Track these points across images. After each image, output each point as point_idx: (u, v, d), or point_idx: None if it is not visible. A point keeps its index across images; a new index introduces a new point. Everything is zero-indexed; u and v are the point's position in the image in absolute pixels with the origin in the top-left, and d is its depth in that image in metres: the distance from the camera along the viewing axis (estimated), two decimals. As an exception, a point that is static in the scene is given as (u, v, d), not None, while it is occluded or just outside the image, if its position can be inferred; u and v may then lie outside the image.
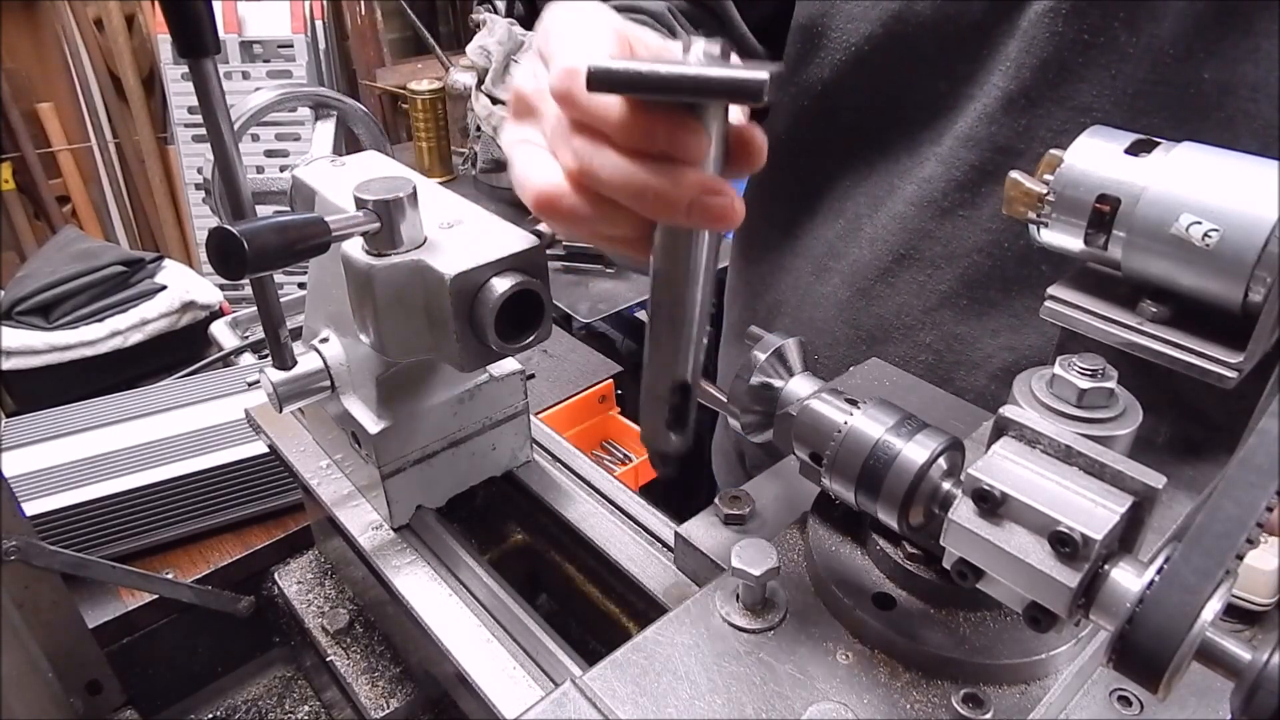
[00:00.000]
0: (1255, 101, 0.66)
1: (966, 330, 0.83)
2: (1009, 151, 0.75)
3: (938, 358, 0.85)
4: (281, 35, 3.31)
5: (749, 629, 0.51)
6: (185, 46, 0.57)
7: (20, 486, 0.96)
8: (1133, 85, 0.69)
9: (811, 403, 0.53)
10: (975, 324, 0.82)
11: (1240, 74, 0.66)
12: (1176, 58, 0.67)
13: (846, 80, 0.83)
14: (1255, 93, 0.66)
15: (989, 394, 0.82)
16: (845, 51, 0.81)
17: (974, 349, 0.83)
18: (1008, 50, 0.73)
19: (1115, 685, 0.49)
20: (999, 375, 0.81)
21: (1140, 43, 0.68)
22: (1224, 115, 0.67)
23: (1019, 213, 0.51)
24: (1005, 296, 0.80)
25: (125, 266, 1.87)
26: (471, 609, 0.69)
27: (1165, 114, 0.69)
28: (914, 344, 0.86)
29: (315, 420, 0.86)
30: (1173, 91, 0.68)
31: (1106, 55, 0.69)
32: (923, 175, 0.81)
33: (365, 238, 0.62)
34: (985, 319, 0.81)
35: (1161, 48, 0.67)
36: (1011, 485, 0.40)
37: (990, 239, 0.79)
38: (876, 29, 0.78)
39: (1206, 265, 0.44)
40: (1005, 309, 0.80)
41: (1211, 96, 0.67)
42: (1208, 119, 0.68)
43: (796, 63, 0.87)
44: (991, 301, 0.81)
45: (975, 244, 0.80)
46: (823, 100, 0.86)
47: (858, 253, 0.88)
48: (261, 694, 1.03)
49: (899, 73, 0.80)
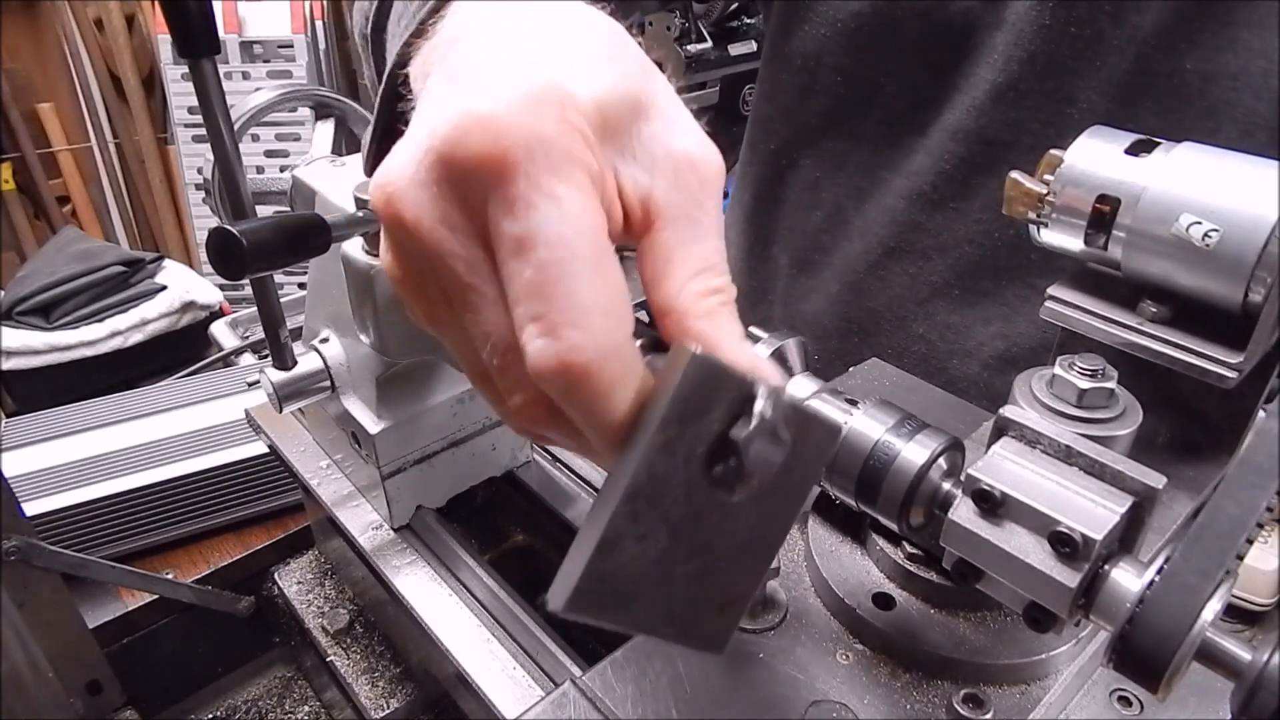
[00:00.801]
0: (1236, 90, 0.68)
1: (959, 320, 0.83)
2: (998, 144, 0.76)
3: (931, 348, 0.85)
4: (281, 35, 3.31)
5: (749, 629, 0.51)
6: (185, 46, 0.57)
7: (20, 486, 0.96)
8: (1118, 76, 0.70)
9: (811, 403, 0.53)
10: (968, 313, 0.83)
11: (1221, 64, 0.67)
12: (1159, 49, 0.68)
13: (827, 58, 0.83)
14: (1235, 82, 0.67)
15: (982, 382, 0.82)
16: (830, 26, 0.81)
17: (967, 338, 0.83)
18: (994, 43, 0.73)
19: (1115, 685, 0.49)
20: (992, 363, 0.82)
21: (1124, 35, 0.69)
22: (1206, 104, 0.69)
23: (1019, 213, 0.51)
24: (996, 286, 0.80)
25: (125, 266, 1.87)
26: (471, 609, 0.69)
27: (1150, 104, 0.70)
28: (907, 335, 0.86)
29: (315, 420, 0.86)
30: (1157, 82, 0.69)
31: (1092, 48, 0.70)
32: (910, 168, 0.81)
33: (365, 238, 0.62)
34: (977, 308, 0.82)
35: (1145, 39, 0.68)
36: (1011, 485, 0.40)
37: (981, 230, 0.79)
38: (864, 7, 0.78)
39: (1207, 265, 0.44)
40: (997, 298, 0.81)
41: (1194, 86, 0.69)
42: (1191, 108, 0.69)
43: (779, 34, 0.86)
44: (983, 291, 0.81)
45: (966, 235, 0.80)
46: (800, 75, 0.85)
47: (847, 245, 0.88)
48: (261, 694, 1.03)
49: (880, 56, 0.80)
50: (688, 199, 0.35)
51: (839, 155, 0.87)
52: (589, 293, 0.30)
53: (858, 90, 0.83)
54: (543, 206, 0.30)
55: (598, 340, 0.30)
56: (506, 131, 0.30)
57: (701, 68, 2.77)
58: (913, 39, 0.77)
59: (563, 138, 0.31)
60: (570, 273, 0.30)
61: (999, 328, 0.81)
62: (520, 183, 0.30)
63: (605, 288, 0.30)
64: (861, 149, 0.85)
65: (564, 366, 0.29)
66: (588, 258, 0.30)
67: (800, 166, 0.90)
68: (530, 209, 0.30)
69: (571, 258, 0.30)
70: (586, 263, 0.30)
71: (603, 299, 0.30)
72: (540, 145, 0.30)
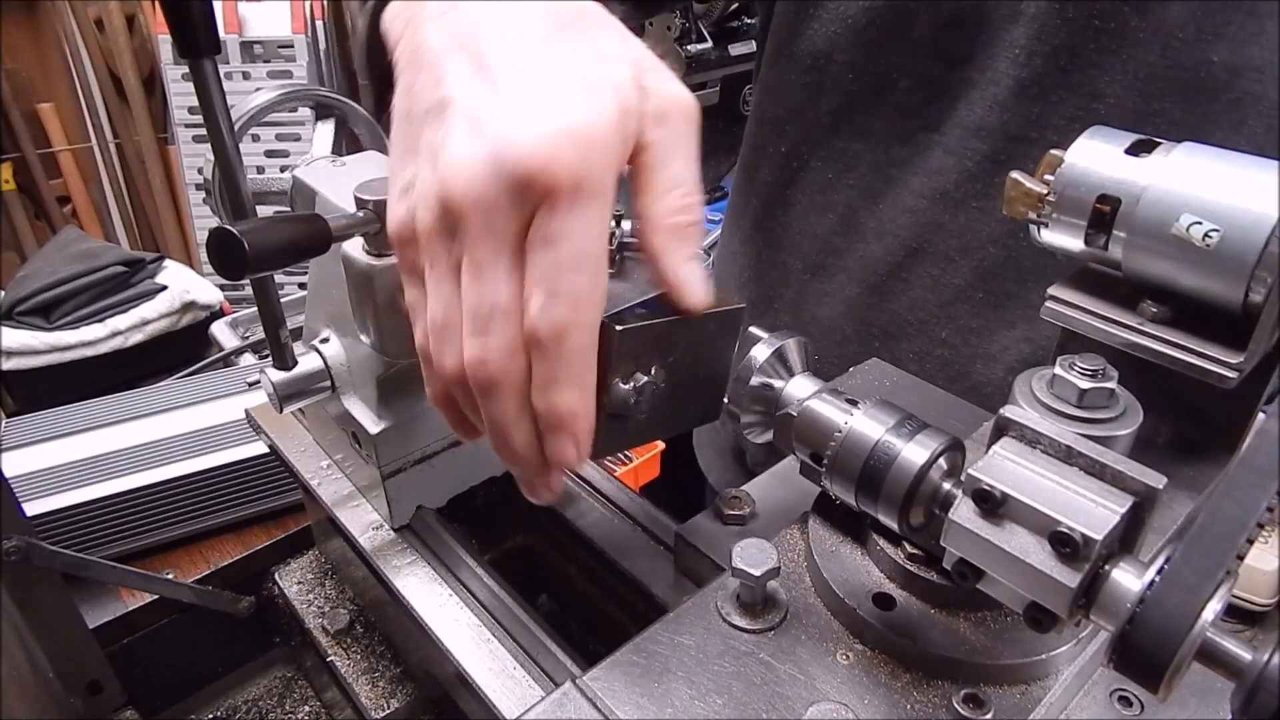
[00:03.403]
0: (1261, 83, 0.67)
1: (982, 324, 0.82)
2: (1022, 140, 0.75)
3: (954, 352, 0.84)
4: (282, 35, 3.31)
5: (749, 629, 0.51)
6: (185, 47, 0.57)
7: (20, 486, 0.96)
8: (1144, 69, 0.69)
9: (811, 403, 0.53)
10: (991, 316, 0.81)
11: (1247, 55, 0.67)
12: (1185, 40, 0.68)
13: (838, 54, 0.82)
14: (1261, 74, 0.67)
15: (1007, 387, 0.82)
16: (840, 23, 0.80)
17: (991, 342, 0.82)
18: (1014, 37, 0.73)
19: (1116, 685, 0.49)
20: (1016, 368, 0.81)
21: (1149, 26, 0.68)
22: (1233, 97, 0.68)
23: (1019, 213, 0.51)
24: (1021, 288, 0.79)
25: (125, 267, 1.87)
26: (472, 609, 0.69)
27: (1177, 97, 0.69)
28: (929, 339, 0.85)
29: (315, 420, 0.86)
30: (1183, 74, 0.68)
31: (1117, 40, 0.69)
32: (930, 166, 0.80)
33: (365, 238, 0.62)
34: (1002, 311, 0.81)
35: (1171, 31, 0.68)
36: (1012, 485, 0.40)
37: (1005, 229, 0.78)
38: (875, 1, 0.77)
39: (1207, 265, 0.44)
40: (1021, 300, 0.79)
41: (1221, 79, 0.68)
42: (1217, 101, 0.68)
43: (786, 33, 0.86)
44: (1008, 293, 0.80)
45: (990, 235, 0.79)
46: (810, 74, 0.85)
47: (864, 248, 0.87)
48: (262, 694, 1.03)
49: (892, 51, 0.79)
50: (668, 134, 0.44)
51: (850, 155, 0.86)
52: (584, 285, 0.42)
53: (870, 86, 0.82)
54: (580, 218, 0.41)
55: (580, 317, 0.42)
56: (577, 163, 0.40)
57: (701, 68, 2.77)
58: (925, 31, 0.76)
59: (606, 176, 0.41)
60: (578, 269, 0.41)
61: (1023, 331, 0.80)
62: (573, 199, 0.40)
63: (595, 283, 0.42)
64: (873, 148, 0.84)
65: (553, 324, 0.41)
66: (593, 262, 0.42)
67: (811, 168, 0.89)
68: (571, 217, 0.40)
69: (584, 259, 0.41)
70: (590, 265, 0.42)
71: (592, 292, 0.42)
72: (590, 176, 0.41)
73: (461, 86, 0.43)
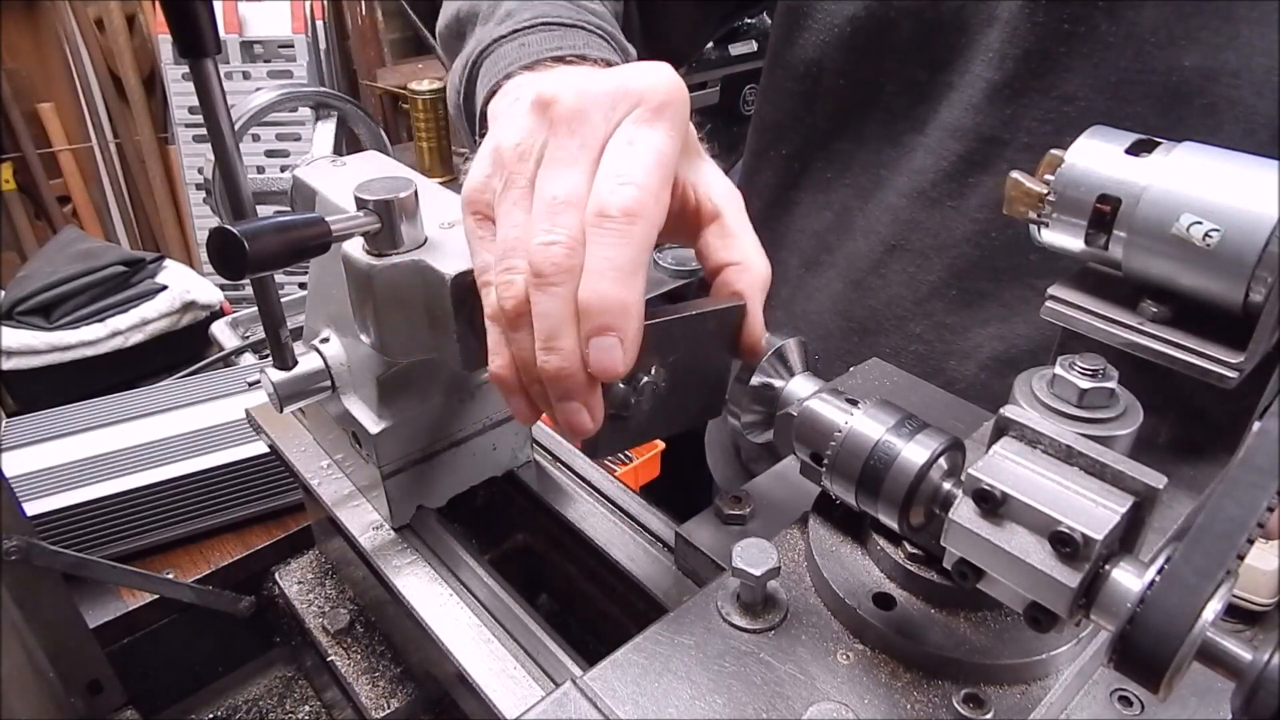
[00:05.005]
0: (1236, 88, 0.67)
1: (957, 320, 0.83)
2: (995, 141, 0.76)
3: (929, 348, 0.85)
4: (282, 35, 3.31)
5: (749, 629, 0.51)
6: (186, 46, 0.57)
7: (20, 486, 0.96)
8: (1115, 74, 0.69)
9: (811, 403, 0.53)
10: (965, 314, 0.82)
11: (1221, 60, 0.67)
12: (1158, 45, 0.68)
13: (828, 63, 0.84)
14: (1236, 79, 0.67)
15: (979, 383, 0.82)
16: (828, 32, 0.82)
17: (964, 339, 0.83)
18: (989, 40, 0.73)
19: (1116, 685, 0.49)
20: (989, 365, 0.82)
21: (1121, 31, 0.68)
22: (1206, 102, 0.68)
23: (1019, 213, 0.51)
24: (995, 286, 0.80)
25: (126, 266, 1.87)
26: (472, 609, 0.69)
27: (1149, 102, 0.69)
28: (905, 335, 0.86)
29: (315, 420, 0.86)
30: (1155, 79, 0.69)
31: (1088, 44, 0.70)
32: (912, 166, 0.81)
33: (365, 238, 0.62)
34: (975, 309, 0.82)
35: (1143, 35, 0.68)
36: (1012, 485, 0.40)
37: (978, 229, 0.79)
38: (859, 10, 0.79)
39: (1207, 265, 0.44)
40: (995, 299, 0.80)
41: (1194, 83, 0.68)
42: (1191, 106, 0.68)
43: (781, 42, 0.87)
44: (981, 292, 0.81)
45: (963, 234, 0.80)
46: (804, 81, 0.87)
47: (852, 245, 0.88)
48: (262, 694, 1.03)
49: (879, 57, 0.81)
50: (736, 206, 0.55)
51: (847, 156, 0.87)
52: (656, 182, 0.47)
53: (860, 92, 0.84)
54: (662, 131, 0.49)
55: (647, 209, 0.46)
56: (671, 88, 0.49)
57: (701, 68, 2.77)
58: (908, 37, 0.78)
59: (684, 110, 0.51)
60: (653, 169, 0.47)
61: (997, 329, 0.81)
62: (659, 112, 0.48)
63: (663, 189, 0.48)
64: (866, 149, 0.85)
65: (624, 204, 0.45)
66: (665, 170, 0.48)
67: (813, 169, 0.91)
68: (654, 129, 0.48)
69: (660, 163, 0.48)
70: (662, 171, 0.48)
71: (662, 191, 0.48)
72: (675, 102, 0.49)
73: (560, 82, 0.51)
